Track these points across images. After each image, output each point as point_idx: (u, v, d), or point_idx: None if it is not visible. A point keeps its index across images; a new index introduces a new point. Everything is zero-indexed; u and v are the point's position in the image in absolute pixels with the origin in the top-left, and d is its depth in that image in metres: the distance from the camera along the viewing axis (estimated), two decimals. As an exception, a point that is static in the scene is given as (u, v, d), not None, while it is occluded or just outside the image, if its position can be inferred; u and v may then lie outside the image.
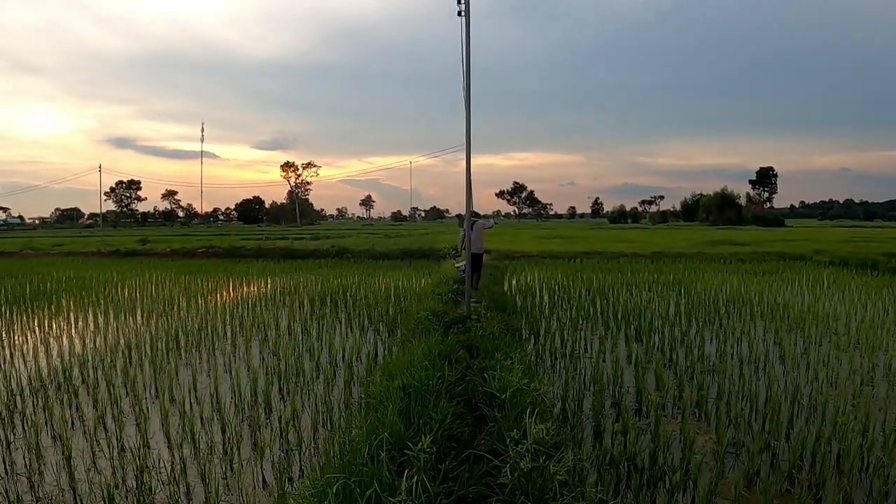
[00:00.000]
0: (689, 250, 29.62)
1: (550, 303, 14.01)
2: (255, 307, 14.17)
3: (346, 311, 13.21)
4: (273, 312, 13.36)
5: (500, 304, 11.42)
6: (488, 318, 9.10)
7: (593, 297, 14.96)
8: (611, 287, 16.85)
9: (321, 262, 26.71)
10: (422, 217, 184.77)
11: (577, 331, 10.87)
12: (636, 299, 14.87)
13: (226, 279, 20.56)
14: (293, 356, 9.22)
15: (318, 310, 13.48)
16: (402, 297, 15.12)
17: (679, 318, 12.32)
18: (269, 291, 17.03)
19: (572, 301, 14.36)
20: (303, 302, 14.75)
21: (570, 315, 12.56)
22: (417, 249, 28.68)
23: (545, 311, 12.86)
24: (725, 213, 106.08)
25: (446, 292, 11.71)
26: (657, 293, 16.11)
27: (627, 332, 10.73)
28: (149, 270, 24.66)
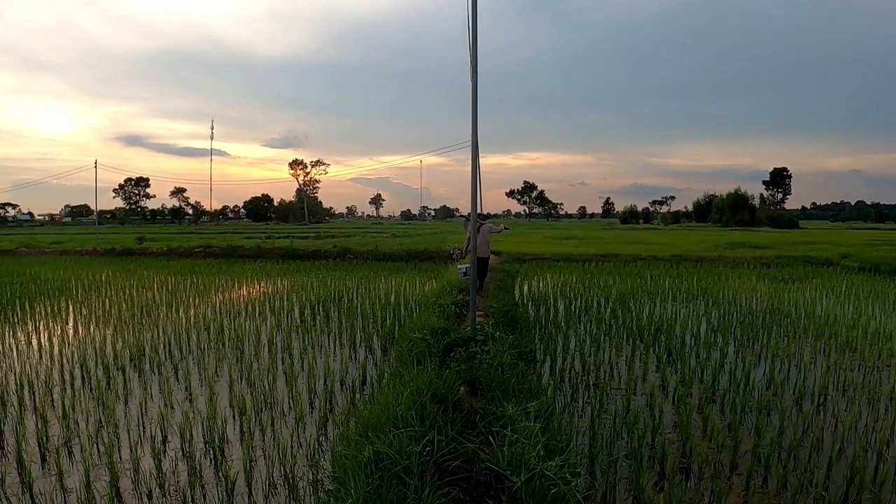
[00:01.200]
0: (709, 253, 28.06)
1: (567, 314, 12.57)
2: (238, 316, 12.83)
3: (339, 322, 11.85)
4: (257, 323, 12.01)
5: (511, 317, 10.00)
6: (497, 338, 7.67)
7: (613, 307, 13.51)
8: (631, 295, 15.38)
9: (322, 264, 25.36)
10: (431, 216, 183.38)
11: (599, 351, 9.43)
12: (661, 310, 13.41)
13: (216, 282, 19.24)
14: (267, 381, 7.85)
15: (308, 320, 12.10)
16: (402, 304, 13.75)
17: (713, 334, 10.83)
18: (258, 296, 15.69)
19: (591, 312, 12.92)
20: (292, 310, 13.38)
21: (589, 330, 11.12)
22: (423, 251, 27.26)
23: (561, 324, 11.43)
24: (739, 214, 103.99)
25: (449, 303, 10.27)
26: (683, 302, 14.64)
27: (658, 353, 9.27)
28: (139, 271, 23.42)
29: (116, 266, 26.31)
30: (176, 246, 32.24)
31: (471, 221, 7.71)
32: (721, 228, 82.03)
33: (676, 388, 7.31)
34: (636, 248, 31.10)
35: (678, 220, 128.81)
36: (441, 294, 11.57)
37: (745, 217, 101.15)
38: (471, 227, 7.57)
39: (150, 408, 6.89)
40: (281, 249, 29.03)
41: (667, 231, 68.48)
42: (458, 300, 10.59)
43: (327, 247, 28.72)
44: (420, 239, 39.31)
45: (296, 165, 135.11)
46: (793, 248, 30.92)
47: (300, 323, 11.93)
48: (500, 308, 10.28)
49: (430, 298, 11.93)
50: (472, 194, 7.88)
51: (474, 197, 7.77)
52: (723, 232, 60.22)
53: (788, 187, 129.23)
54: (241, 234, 51.17)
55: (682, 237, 45.65)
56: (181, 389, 7.74)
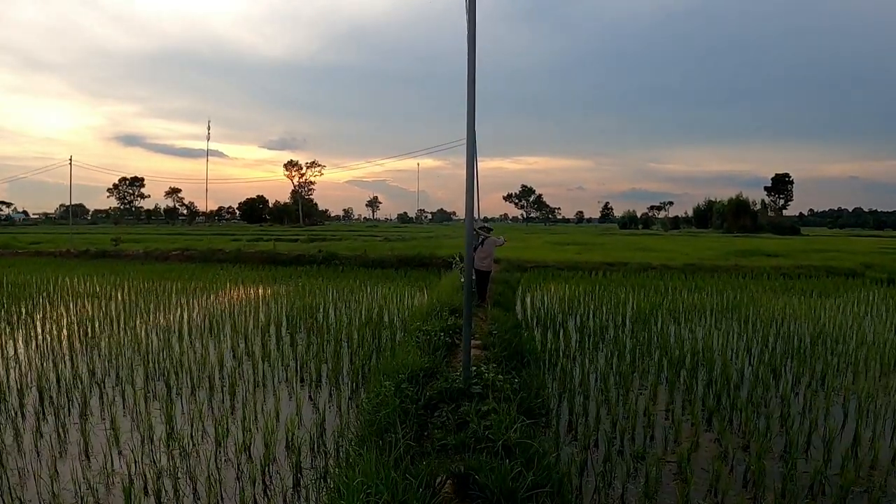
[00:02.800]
0: (724, 262, 26.05)
1: (580, 338, 10.54)
2: (189, 335, 10.80)
3: (306, 346, 9.83)
4: (207, 347, 9.96)
5: (514, 347, 7.97)
6: (498, 388, 5.63)
7: (634, 329, 11.51)
8: (651, 313, 13.37)
9: (304, 270, 23.27)
10: (428, 219, 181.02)
11: (629, 396, 7.40)
12: (689, 333, 11.44)
13: (183, 290, 17.16)
14: (187, 437, 5.82)
15: (264, 345, 10.04)
16: (386, 322, 11.74)
17: (763, 369, 8.80)
18: (223, 309, 13.64)
19: (607, 336, 10.91)
20: (256, 328, 11.32)
21: (610, 361, 9.11)
22: (415, 256, 25.18)
23: (576, 355, 9.40)
24: (741, 219, 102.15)
25: (438, 329, 8.16)
26: (712, 322, 12.65)
27: (707, 402, 7.23)
28: (106, 276, 21.33)
29: (86, 269, 24.24)
30: (153, 248, 30.14)
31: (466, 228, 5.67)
32: (723, 234, 79.97)
33: (751, 469, 5.27)
34: (643, 255, 29.05)
35: (678, 226, 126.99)
36: (429, 316, 9.48)
37: (746, 223, 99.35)
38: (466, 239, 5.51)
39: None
40: (262, 254, 26.95)
41: (669, 237, 66.33)
42: (450, 325, 8.49)
43: (312, 251, 26.64)
44: (414, 243, 37.12)
45: (291, 167, 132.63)
46: (806, 257, 28.91)
47: (261, 348, 9.89)
48: (501, 335, 8.23)
49: (417, 318, 9.89)
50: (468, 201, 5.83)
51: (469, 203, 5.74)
52: (727, 238, 57.98)
53: (790, 193, 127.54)
54: (229, 236, 49.06)
55: (687, 244, 43.51)
56: (61, 444, 5.70)
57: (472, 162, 5.76)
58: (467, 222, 5.38)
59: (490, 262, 12.62)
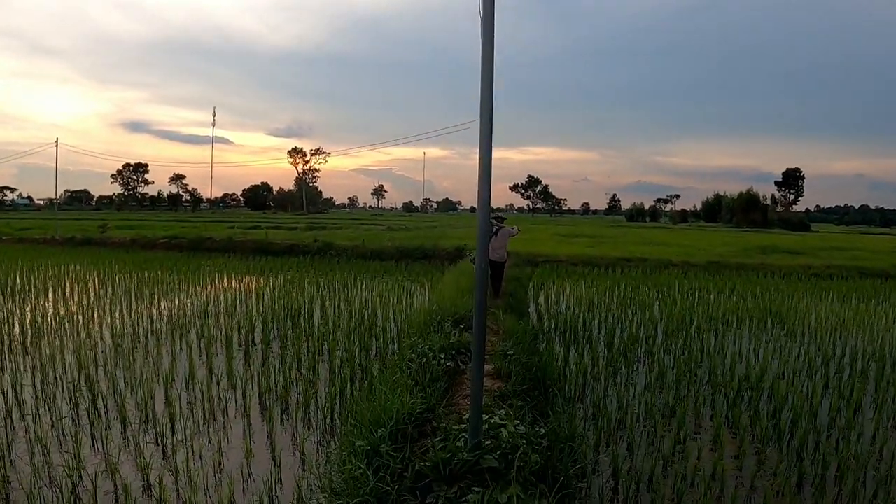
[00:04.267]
0: (748, 259, 24.27)
1: (609, 354, 8.82)
2: (147, 341, 9.17)
3: (279, 358, 8.18)
4: (150, 363, 8.32)
5: (534, 372, 6.25)
6: (520, 448, 3.92)
7: (669, 342, 9.82)
8: (684, 320, 11.67)
9: (296, 261, 21.57)
10: (434, 209, 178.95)
11: (685, 440, 5.71)
12: (731, 345, 9.82)
13: (156, 282, 15.51)
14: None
15: (229, 358, 8.37)
16: (377, 328, 10.07)
17: (841, 401, 7.08)
18: (198, 307, 12.00)
19: (639, 349, 9.23)
20: (217, 337, 9.63)
21: (651, 388, 7.42)
22: (417, 248, 23.42)
23: (607, 376, 7.70)
24: (751, 214, 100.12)
25: (438, 349, 6.39)
26: (754, 332, 10.96)
27: (785, 450, 5.53)
28: (84, 265, 19.74)
29: (66, 257, 22.67)
30: (140, 235, 28.52)
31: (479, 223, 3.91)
32: (733, 229, 77.92)
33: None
34: (658, 250, 27.29)
35: (686, 219, 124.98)
36: (428, 327, 7.70)
37: (756, 218, 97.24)
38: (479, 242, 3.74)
39: None
40: (254, 243, 25.27)
41: (679, 231, 64.27)
42: (453, 343, 6.70)
43: (307, 241, 24.92)
44: (417, 233, 35.39)
45: (295, 154, 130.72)
46: (828, 255, 27.10)
47: (225, 362, 8.22)
48: (518, 356, 6.48)
49: (414, 328, 8.19)
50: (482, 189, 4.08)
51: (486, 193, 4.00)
52: (739, 233, 55.92)
53: (801, 189, 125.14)
54: (227, 223, 47.43)
55: (700, 238, 41.55)
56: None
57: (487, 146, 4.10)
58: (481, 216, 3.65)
59: (504, 253, 12.26)
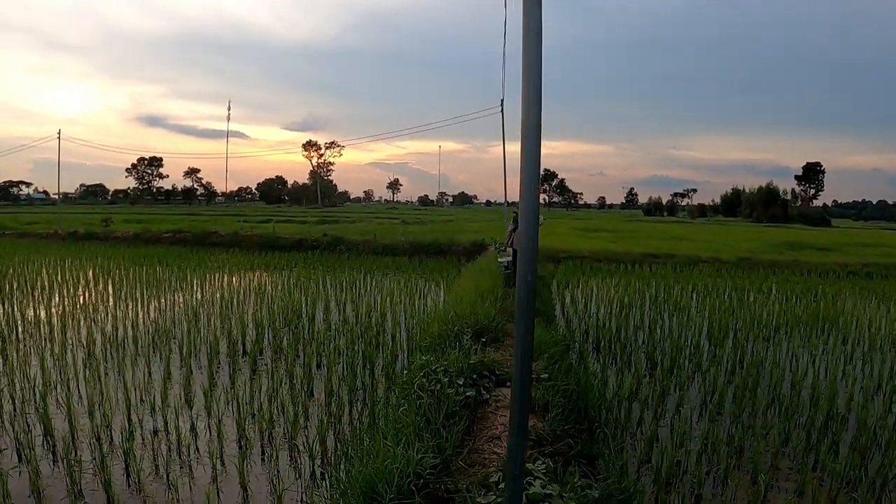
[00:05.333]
0: (778, 256, 22.77)
1: (654, 373, 7.54)
2: (115, 354, 8.04)
3: (269, 373, 7.01)
4: (114, 384, 7.18)
5: (573, 401, 4.99)
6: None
7: (715, 351, 8.53)
8: (724, 322, 10.37)
9: (303, 257, 20.45)
10: (449, 202, 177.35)
11: (765, 493, 4.46)
12: (787, 358, 8.57)
13: (149, 281, 14.43)
14: None
15: (211, 375, 7.20)
16: (384, 340, 8.87)
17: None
18: (188, 308, 10.87)
19: (685, 363, 7.94)
20: (201, 349, 8.46)
21: (708, 415, 6.16)
22: (432, 243, 22.18)
23: (656, 400, 6.43)
24: (770, 209, 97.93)
25: (456, 371, 5.01)
26: (811, 343, 9.62)
27: None
28: (79, 261, 18.78)
29: (66, 252, 21.77)
30: (144, 230, 27.55)
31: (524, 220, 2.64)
32: (752, 224, 75.80)
33: None
34: (682, 245, 25.85)
35: (704, 214, 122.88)
36: (443, 340, 6.39)
37: (776, 213, 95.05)
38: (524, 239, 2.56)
39: None
40: (261, 237, 24.15)
41: (699, 225, 62.35)
42: (473, 363, 5.32)
43: (316, 236, 23.75)
44: (432, 227, 34.13)
45: (309, 147, 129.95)
46: (859, 252, 25.47)
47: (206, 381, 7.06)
48: (554, 382, 5.19)
49: (427, 338, 6.94)
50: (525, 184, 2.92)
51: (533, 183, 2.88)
52: (760, 228, 53.86)
53: (821, 183, 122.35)
54: (238, 217, 46.50)
55: (723, 233, 39.84)
56: None
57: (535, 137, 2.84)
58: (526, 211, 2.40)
59: None
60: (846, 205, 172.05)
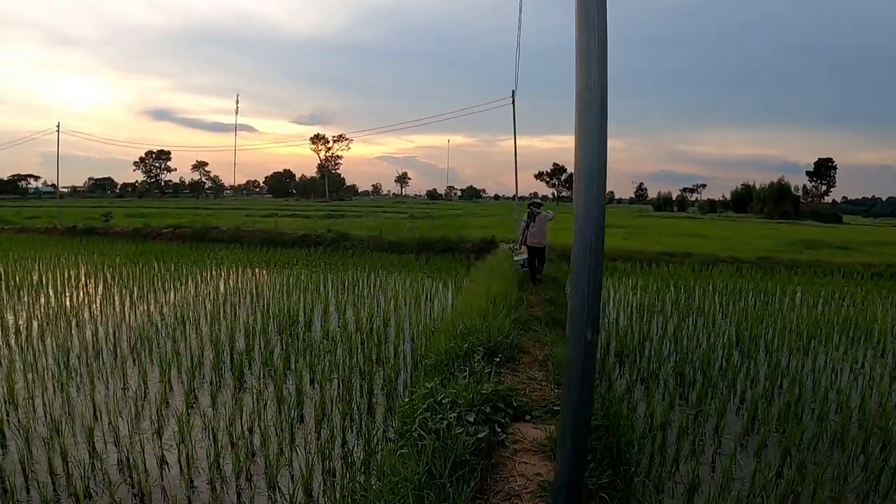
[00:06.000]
0: (798, 255, 21.75)
1: (687, 394, 6.76)
2: (78, 373, 7.33)
3: (256, 390, 6.27)
4: (77, 404, 6.48)
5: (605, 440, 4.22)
6: None
7: (748, 364, 7.73)
8: (756, 329, 9.56)
9: (305, 254, 19.71)
10: (458, 196, 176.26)
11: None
12: (827, 373, 7.74)
13: (139, 281, 13.74)
14: None
15: (180, 399, 6.47)
16: (383, 357, 8.13)
17: None
18: (158, 322, 10.16)
19: (715, 380, 7.15)
20: (181, 359, 7.74)
21: (750, 446, 5.38)
22: (440, 239, 21.37)
23: (692, 429, 5.65)
24: (781, 205, 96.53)
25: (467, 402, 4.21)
26: (850, 354, 8.80)
27: None
28: (74, 258, 18.16)
29: (63, 248, 21.18)
30: (142, 225, 26.87)
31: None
32: (764, 220, 74.47)
33: None
34: (697, 242, 24.92)
35: (714, 209, 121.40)
36: (451, 361, 5.57)
37: (788, 209, 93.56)
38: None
39: None
40: (262, 233, 23.42)
41: (710, 221, 61.00)
42: (488, 395, 4.46)
43: (320, 231, 23.00)
44: (441, 222, 33.26)
45: (317, 140, 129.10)
46: (879, 252, 24.31)
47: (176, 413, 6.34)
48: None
49: (431, 358, 6.16)
50: (582, 158, 2.21)
51: (598, 168, 2.22)
52: (773, 225, 52.56)
53: (833, 179, 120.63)
54: (243, 211, 45.88)
55: (737, 230, 38.73)
56: None
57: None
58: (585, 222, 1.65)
59: (543, 238, 12.46)
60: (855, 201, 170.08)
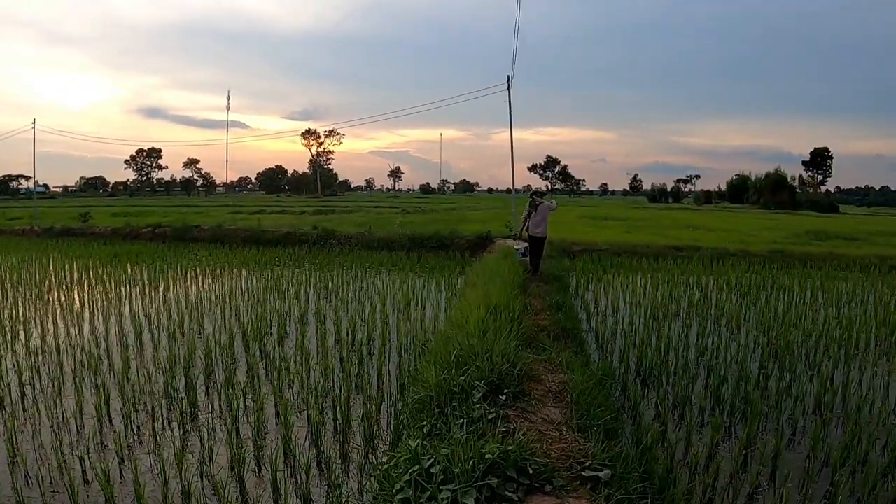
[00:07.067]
0: (809, 247, 20.61)
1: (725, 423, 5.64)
2: (10, 407, 6.18)
3: (174, 462, 5.15)
4: (2, 446, 5.33)
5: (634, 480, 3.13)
6: None
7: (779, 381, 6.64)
8: (784, 334, 8.47)
9: (290, 253, 18.51)
10: (451, 190, 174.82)
11: None
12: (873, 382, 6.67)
13: (109, 285, 12.56)
14: None
15: (119, 438, 5.33)
16: (362, 385, 7.01)
17: None
18: (123, 328, 8.99)
19: (763, 406, 6.05)
20: (125, 387, 6.60)
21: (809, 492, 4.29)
22: (433, 236, 20.19)
23: (749, 482, 4.53)
24: (778, 195, 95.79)
25: (465, 473, 3.13)
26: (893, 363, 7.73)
27: None
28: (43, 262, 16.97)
29: (33, 250, 20.03)
30: (123, 225, 25.59)
31: None
32: (760, 210, 73.56)
33: None
34: (702, 235, 23.77)
35: (710, 200, 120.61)
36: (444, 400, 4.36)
37: (784, 199, 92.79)
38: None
39: None
40: (245, 231, 22.18)
41: (708, 212, 59.76)
42: (492, 461, 3.22)
43: (305, 228, 21.76)
44: (434, 216, 31.98)
45: (309, 136, 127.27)
46: (890, 243, 23.33)
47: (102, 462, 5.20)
48: (619, 468, 3.28)
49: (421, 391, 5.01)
50: None
51: None
52: (772, 215, 51.18)
53: (829, 169, 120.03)
54: (231, 208, 44.55)
55: (738, 221, 37.49)
56: None
57: None
58: None
59: (545, 229, 12.48)
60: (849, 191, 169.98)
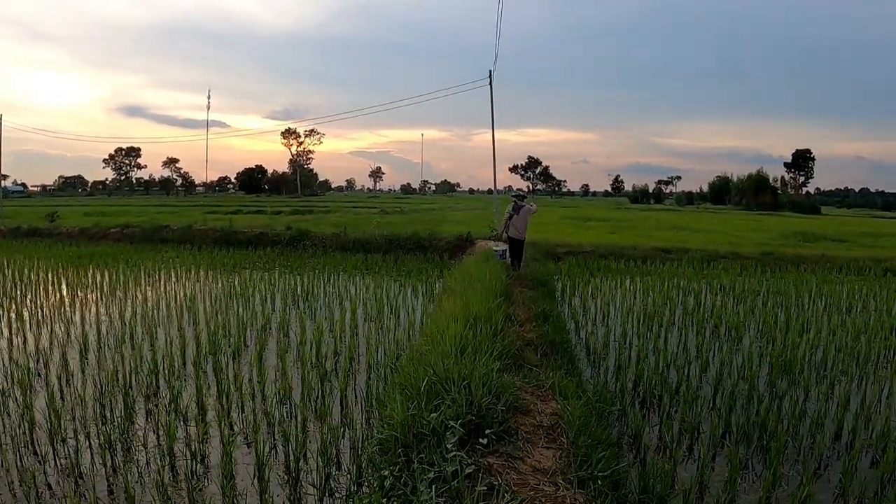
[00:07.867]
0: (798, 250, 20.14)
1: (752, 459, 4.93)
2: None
3: None
4: None
5: None
6: None
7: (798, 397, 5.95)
8: (792, 347, 7.81)
9: (261, 255, 17.61)
10: (432, 190, 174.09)
11: None
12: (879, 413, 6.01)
13: (63, 291, 11.59)
14: None
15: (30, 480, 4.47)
16: (320, 414, 6.20)
17: None
18: (58, 342, 8.08)
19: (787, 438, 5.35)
20: (55, 411, 5.72)
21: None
22: (411, 237, 19.40)
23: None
24: (760, 196, 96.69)
25: None
26: None
27: None
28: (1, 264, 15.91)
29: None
30: (91, 225, 24.49)
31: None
32: (742, 211, 73.84)
33: None
34: (688, 236, 23.33)
35: (692, 201, 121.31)
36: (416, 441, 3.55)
37: (766, 200, 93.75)
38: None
39: None
40: (216, 232, 21.21)
41: (692, 213, 59.77)
42: None
43: (278, 229, 20.84)
44: (413, 217, 31.21)
45: (289, 135, 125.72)
46: (879, 244, 22.93)
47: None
48: None
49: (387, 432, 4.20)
50: None
51: None
52: (755, 216, 51.16)
53: (811, 171, 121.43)
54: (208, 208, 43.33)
55: (723, 222, 37.21)
56: None
57: None
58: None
59: (525, 232, 12.51)
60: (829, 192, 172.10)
